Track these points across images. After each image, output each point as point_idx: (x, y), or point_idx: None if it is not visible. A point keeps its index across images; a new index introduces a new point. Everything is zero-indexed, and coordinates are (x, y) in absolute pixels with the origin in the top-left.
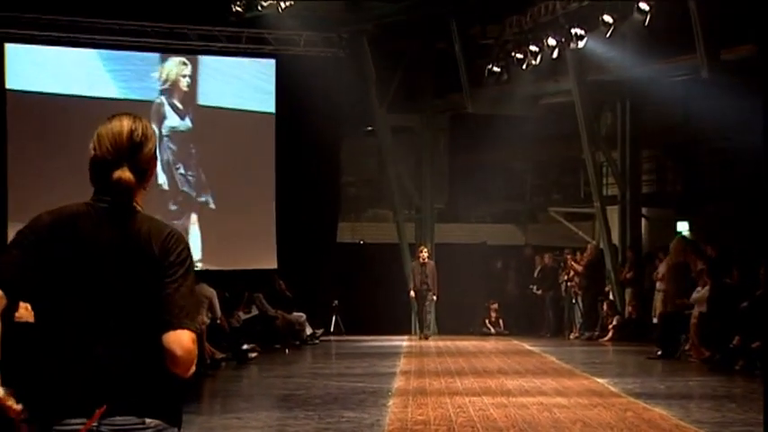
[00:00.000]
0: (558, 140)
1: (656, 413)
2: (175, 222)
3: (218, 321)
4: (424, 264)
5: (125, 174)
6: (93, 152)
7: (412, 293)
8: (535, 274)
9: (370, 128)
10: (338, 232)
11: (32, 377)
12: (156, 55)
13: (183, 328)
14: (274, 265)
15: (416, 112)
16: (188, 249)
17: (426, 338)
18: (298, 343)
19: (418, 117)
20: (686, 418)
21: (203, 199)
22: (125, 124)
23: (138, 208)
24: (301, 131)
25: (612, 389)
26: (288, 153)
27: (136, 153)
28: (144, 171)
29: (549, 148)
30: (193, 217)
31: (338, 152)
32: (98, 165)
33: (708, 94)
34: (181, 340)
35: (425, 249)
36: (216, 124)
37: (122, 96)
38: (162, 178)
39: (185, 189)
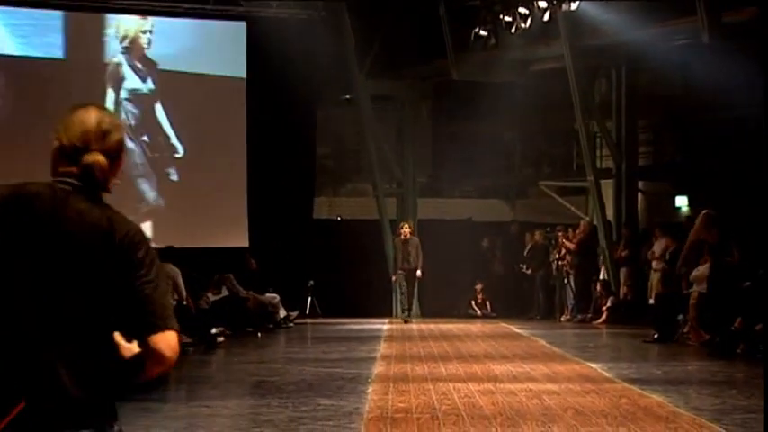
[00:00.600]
0: (548, 109)
1: (652, 400)
2: (140, 193)
3: (185, 303)
4: (406, 240)
5: (98, 157)
6: (58, 142)
7: (394, 277)
8: (524, 253)
9: (348, 96)
10: (314, 208)
11: None
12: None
13: (169, 328)
14: (245, 244)
15: (398, 79)
16: (151, 245)
17: (408, 322)
18: (271, 326)
19: (400, 84)
20: (684, 404)
21: (169, 170)
22: (92, 113)
23: (104, 196)
24: (274, 100)
25: (606, 374)
26: (260, 123)
27: (105, 139)
28: (114, 158)
29: (539, 118)
30: (158, 188)
31: (314, 122)
32: (65, 152)
33: (709, 60)
34: (169, 341)
35: (407, 225)
36: (181, 90)
37: (22, 54)
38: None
39: (149, 158)
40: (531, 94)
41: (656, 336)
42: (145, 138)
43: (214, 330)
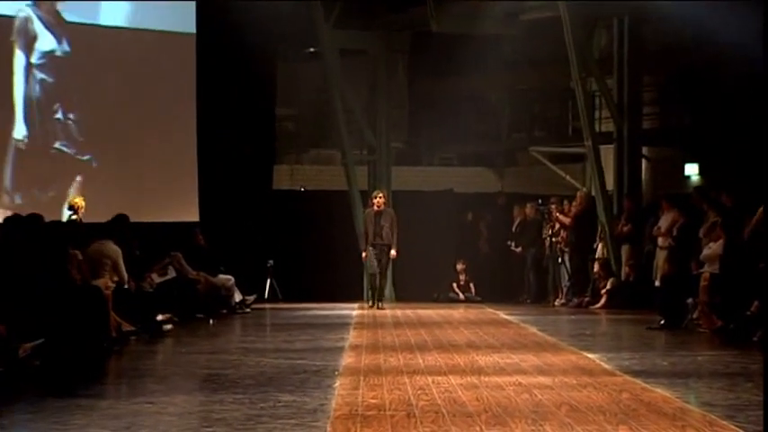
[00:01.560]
0: (541, 65)
1: (657, 394)
2: (69, 165)
3: (126, 286)
4: (379, 212)
5: None
6: None
7: (364, 254)
8: (513, 229)
9: (312, 49)
10: (274, 178)
11: None
12: None
13: None
14: (195, 218)
15: (369, 31)
16: None
17: (381, 307)
18: (224, 312)
19: (372, 36)
20: (694, 400)
21: (97, 143)
22: None
23: None
24: (228, 56)
25: (605, 366)
26: (212, 83)
27: None
28: None
29: (530, 75)
30: (95, 158)
31: (273, 80)
32: None
33: (723, 9)
34: None
35: (381, 195)
36: (117, 47)
37: None
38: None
39: (76, 123)
40: (520, 48)
41: (661, 322)
42: (70, 101)
43: (160, 317)
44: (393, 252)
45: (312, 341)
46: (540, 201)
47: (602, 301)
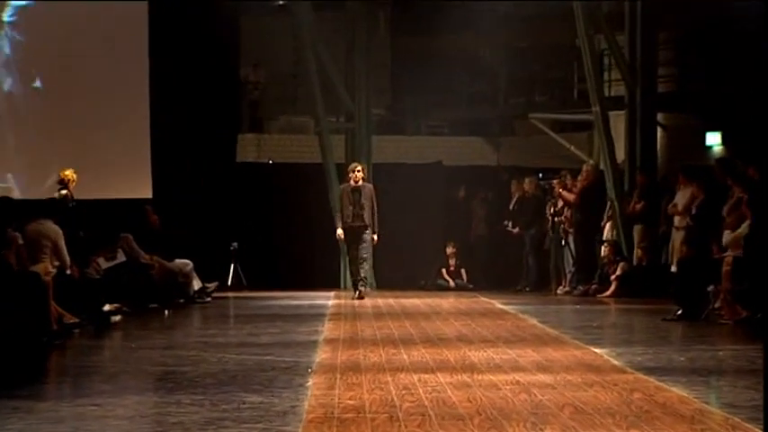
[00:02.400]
0: (543, 20)
1: (673, 394)
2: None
3: (69, 272)
4: (357, 188)
5: None
6: None
7: (340, 232)
8: (510, 207)
9: (281, 1)
10: (238, 149)
11: None
12: None
13: None
14: (148, 195)
15: None
16: None
17: (361, 296)
18: (182, 301)
19: None
20: (714, 400)
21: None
22: None
23: None
24: (185, 8)
25: (615, 362)
26: (166, 39)
27: None
28: None
29: (530, 31)
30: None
31: (236, 36)
32: None
33: None
34: None
35: (360, 168)
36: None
37: None
38: None
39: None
40: (519, 2)
41: (678, 312)
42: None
43: (107, 307)
44: (374, 237)
45: (282, 334)
46: (540, 175)
47: (612, 288)
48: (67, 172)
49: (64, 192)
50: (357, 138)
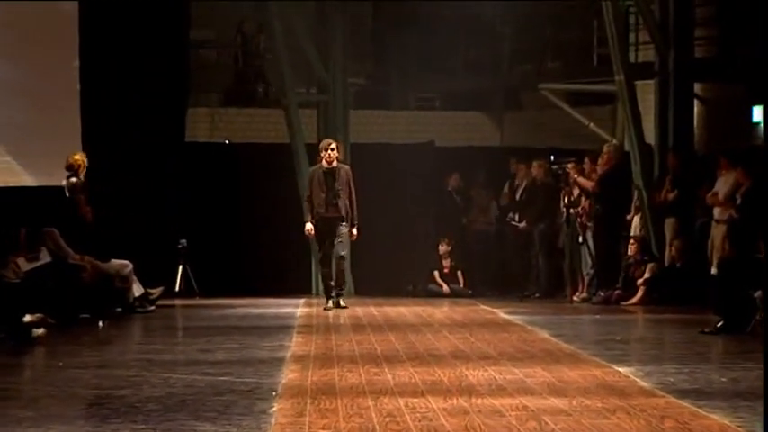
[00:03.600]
0: None
1: (712, 422)
2: None
3: None
4: (331, 170)
5: None
6: None
7: (309, 226)
8: (516, 196)
9: None
10: (187, 125)
11: None
12: None
13: None
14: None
15: None
16: None
17: (339, 305)
18: (119, 310)
19: None
20: (762, 429)
21: None
22: None
23: None
24: None
25: (642, 383)
26: None
27: None
28: None
29: None
30: None
31: None
32: None
33: None
34: None
35: (335, 145)
36: None
37: None
38: None
39: None
40: None
41: (719, 324)
42: None
43: (28, 318)
44: (354, 231)
45: (240, 350)
46: (552, 157)
47: (639, 294)
48: (77, 156)
49: (74, 179)
50: (331, 113)
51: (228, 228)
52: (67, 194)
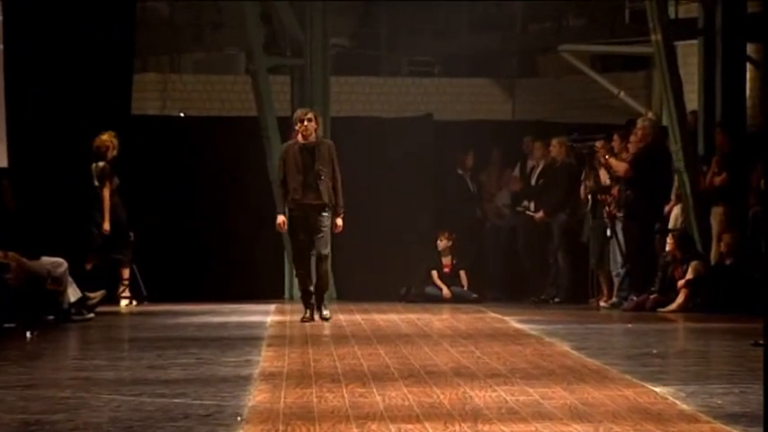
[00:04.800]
0: None
1: None
2: None
3: None
4: (309, 146)
5: None
6: None
7: (281, 218)
8: (532, 181)
9: None
10: (134, 95)
11: None
12: None
13: None
14: (3, 164)
15: None
16: None
17: (324, 317)
18: (52, 318)
19: None
20: None
21: None
22: None
23: None
24: None
25: (683, 406)
26: None
27: None
28: None
29: None
30: None
31: None
32: None
33: None
34: None
35: (311, 115)
36: None
37: None
38: None
39: None
40: None
41: None
42: None
43: None
44: (339, 222)
45: (198, 367)
46: (574, 135)
47: (680, 299)
48: (104, 137)
49: (102, 164)
50: (308, 80)
51: (184, 219)
52: (96, 183)
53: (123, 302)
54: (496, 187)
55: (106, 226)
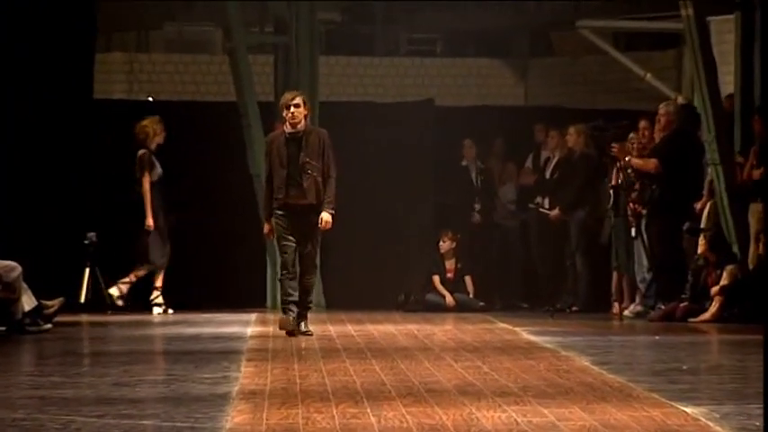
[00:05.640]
0: None
1: None
2: None
3: None
4: (296, 135)
5: None
6: None
7: (266, 228)
8: (547, 174)
9: None
10: (96, 77)
11: None
12: None
13: None
14: None
15: None
16: None
17: (307, 331)
18: (3, 329)
19: None
20: None
21: None
22: None
23: None
24: None
25: (717, 428)
26: None
27: None
28: None
29: None
30: None
31: None
32: None
33: None
34: None
35: (299, 100)
36: None
37: None
38: None
39: None
40: None
41: None
42: None
43: None
44: (326, 216)
45: (169, 384)
46: (597, 123)
47: (714, 308)
48: (144, 122)
49: (141, 152)
50: (293, 60)
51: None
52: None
53: (156, 310)
54: (500, 182)
55: (149, 221)
